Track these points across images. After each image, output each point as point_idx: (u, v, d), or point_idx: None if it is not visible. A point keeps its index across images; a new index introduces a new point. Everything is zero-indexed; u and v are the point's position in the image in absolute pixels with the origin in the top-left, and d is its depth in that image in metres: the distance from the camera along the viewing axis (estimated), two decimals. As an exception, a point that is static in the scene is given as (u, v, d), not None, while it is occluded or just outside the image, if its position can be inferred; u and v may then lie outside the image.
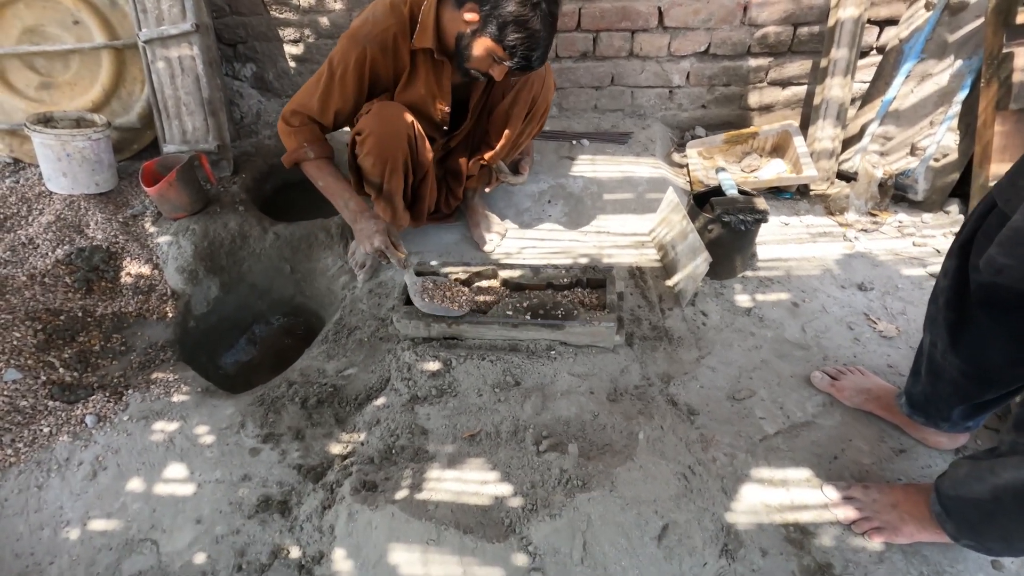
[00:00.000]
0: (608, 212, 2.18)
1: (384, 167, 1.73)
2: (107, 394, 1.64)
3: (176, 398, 1.64)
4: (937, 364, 1.22)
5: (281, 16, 2.49)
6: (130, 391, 1.66)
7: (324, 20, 2.48)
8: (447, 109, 1.80)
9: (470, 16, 1.53)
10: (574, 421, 1.46)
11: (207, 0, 2.28)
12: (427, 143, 1.81)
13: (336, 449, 1.49)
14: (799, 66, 2.39)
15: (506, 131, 1.86)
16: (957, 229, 2.00)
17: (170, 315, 1.93)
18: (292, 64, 2.64)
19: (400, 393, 1.58)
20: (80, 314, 1.83)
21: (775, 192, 2.25)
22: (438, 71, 1.72)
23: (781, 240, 2.05)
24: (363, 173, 1.80)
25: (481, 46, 1.55)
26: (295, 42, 2.57)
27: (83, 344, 1.77)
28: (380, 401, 1.58)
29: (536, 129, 1.97)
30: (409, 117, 1.71)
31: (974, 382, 1.18)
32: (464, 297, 1.71)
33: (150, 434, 1.53)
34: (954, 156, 2.02)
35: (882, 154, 2.16)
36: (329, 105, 1.70)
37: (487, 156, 1.92)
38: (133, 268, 1.98)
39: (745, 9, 2.27)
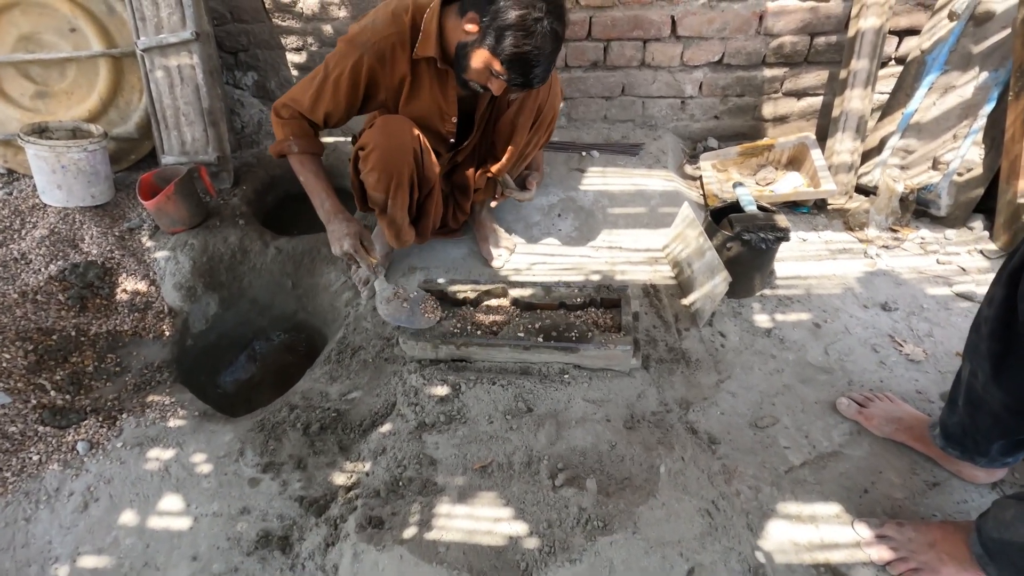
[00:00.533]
0: (620, 227, 2.12)
1: (389, 182, 1.67)
2: (100, 419, 1.57)
3: (172, 423, 1.57)
4: (977, 396, 1.16)
5: (284, 24, 2.43)
6: (124, 415, 1.59)
7: (328, 28, 2.42)
8: (454, 121, 1.73)
9: (470, 26, 1.46)
10: (591, 452, 1.38)
11: (208, 7, 2.22)
12: (433, 157, 1.74)
13: (340, 480, 1.41)
14: (815, 76, 2.32)
15: (512, 141, 1.80)
16: (982, 247, 1.95)
17: (167, 334, 1.86)
18: (295, 72, 2.57)
19: (407, 419, 1.51)
20: (73, 333, 1.76)
21: (791, 206, 2.19)
22: (443, 82, 1.65)
23: (800, 257, 1.98)
24: (366, 188, 1.74)
25: (479, 58, 1.48)
26: (298, 50, 2.51)
27: (76, 365, 1.70)
28: (386, 428, 1.50)
29: (544, 139, 1.91)
30: (415, 130, 1.65)
31: (1018, 416, 1.11)
32: (434, 308, 1.67)
33: (144, 462, 1.46)
34: (979, 171, 1.95)
35: (902, 168, 2.09)
36: (319, 106, 1.64)
37: (493, 168, 1.86)
38: (129, 285, 1.91)
39: (761, 18, 2.21)
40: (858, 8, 2.03)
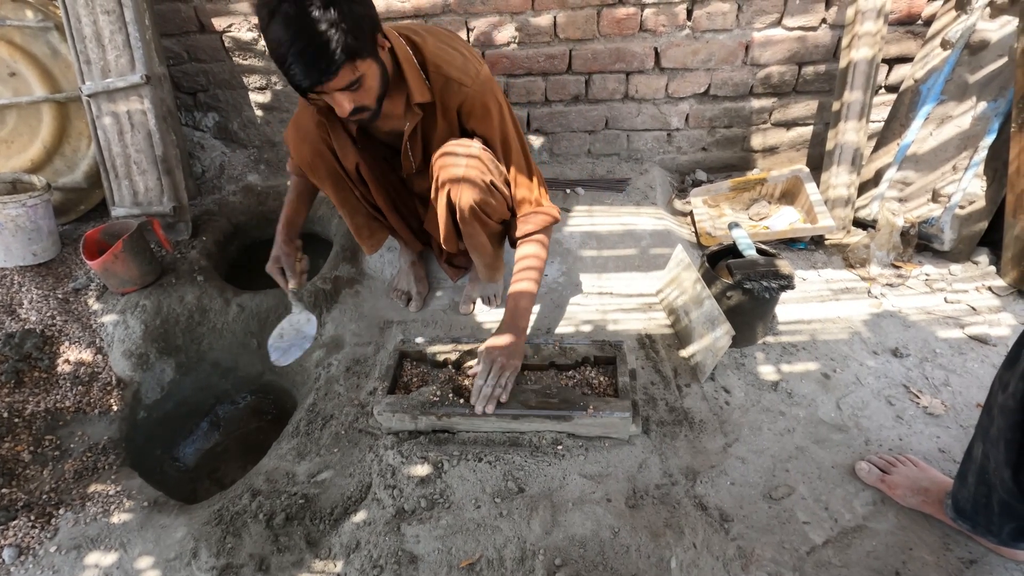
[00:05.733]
0: (610, 270, 1.99)
1: (310, 171, 1.56)
2: (33, 517, 1.38)
3: (116, 518, 1.39)
4: (988, 478, 1.05)
5: (245, 62, 2.29)
6: (61, 510, 1.41)
7: (293, 65, 2.28)
8: (354, 161, 1.53)
9: None
10: (591, 541, 1.23)
11: (161, 47, 2.07)
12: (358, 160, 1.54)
13: (308, 583, 1.24)
14: (805, 106, 2.24)
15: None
16: (990, 283, 1.85)
17: (115, 408, 1.68)
18: (259, 113, 2.42)
19: (383, 505, 1.35)
20: (6, 414, 1.57)
21: (787, 243, 2.08)
22: (331, 120, 1.48)
23: (801, 298, 1.87)
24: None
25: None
26: (261, 89, 2.36)
27: (8, 452, 1.51)
28: (360, 516, 1.34)
29: (472, 234, 1.60)
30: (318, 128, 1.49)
31: None
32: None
33: (82, 571, 1.28)
34: (981, 203, 1.86)
35: (901, 200, 2.00)
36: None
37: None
38: (72, 354, 1.72)
39: (747, 49, 2.12)
40: (849, 38, 1.94)
